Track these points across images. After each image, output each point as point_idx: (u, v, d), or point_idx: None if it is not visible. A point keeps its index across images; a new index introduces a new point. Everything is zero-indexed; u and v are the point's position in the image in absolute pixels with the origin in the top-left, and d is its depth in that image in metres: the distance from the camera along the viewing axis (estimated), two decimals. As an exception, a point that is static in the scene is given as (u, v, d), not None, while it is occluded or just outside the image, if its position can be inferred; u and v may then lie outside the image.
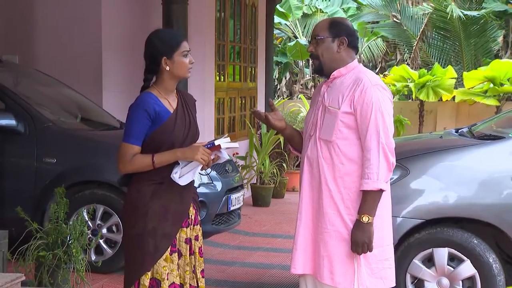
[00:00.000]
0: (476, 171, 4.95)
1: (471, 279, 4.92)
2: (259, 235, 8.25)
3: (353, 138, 3.72)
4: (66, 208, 5.39)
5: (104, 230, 6.27)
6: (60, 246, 5.28)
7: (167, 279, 3.67)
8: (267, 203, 10.12)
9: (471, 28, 16.55)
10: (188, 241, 3.80)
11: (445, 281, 4.95)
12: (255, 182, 10.37)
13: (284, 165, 10.94)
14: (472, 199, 4.89)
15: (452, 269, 4.93)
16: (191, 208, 3.84)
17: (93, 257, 6.18)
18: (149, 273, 3.66)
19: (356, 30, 3.99)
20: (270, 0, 12.53)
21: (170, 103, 3.74)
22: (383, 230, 3.81)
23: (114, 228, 6.28)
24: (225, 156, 3.84)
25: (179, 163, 3.68)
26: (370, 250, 3.69)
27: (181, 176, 3.68)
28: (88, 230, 5.76)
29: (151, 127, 3.66)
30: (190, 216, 3.82)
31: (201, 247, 3.91)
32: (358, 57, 16.69)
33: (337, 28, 3.83)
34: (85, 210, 6.04)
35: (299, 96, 17.97)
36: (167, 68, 3.68)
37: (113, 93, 8.50)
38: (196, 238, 3.88)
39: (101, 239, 6.22)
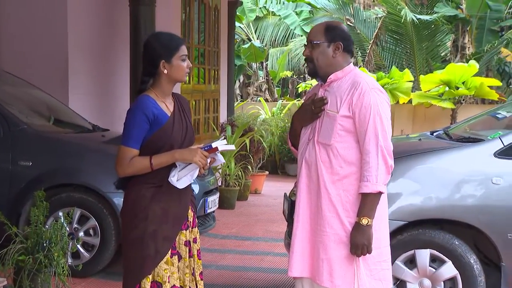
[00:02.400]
0: (456, 173, 4.98)
1: (453, 280, 4.97)
2: (228, 238, 8.23)
3: (351, 141, 3.75)
4: (46, 212, 5.32)
5: (81, 234, 6.18)
6: (40, 250, 5.21)
7: (168, 281, 3.66)
8: (232, 205, 10.12)
9: (423, 32, 16.75)
10: (187, 243, 3.81)
11: (427, 282, 5.00)
12: (220, 184, 10.35)
13: (249, 167, 10.96)
14: (453, 200, 4.93)
15: (434, 270, 4.98)
16: (189, 211, 3.84)
17: (70, 261, 6.09)
18: (150, 277, 3.65)
19: (350, 34, 4.02)
20: (231, 3, 12.53)
21: (167, 106, 3.73)
22: (380, 231, 3.83)
23: (91, 231, 6.19)
24: (221, 159, 3.84)
25: (177, 166, 3.66)
26: (369, 252, 3.72)
27: (179, 179, 3.67)
28: (65, 233, 5.66)
29: (149, 130, 3.63)
30: (188, 219, 3.82)
31: (199, 249, 3.91)
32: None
33: (333, 33, 3.86)
34: (61, 214, 5.96)
35: (257, 99, 17.97)
36: (165, 71, 3.66)
37: (80, 96, 8.34)
38: (195, 241, 3.88)
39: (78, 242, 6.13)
